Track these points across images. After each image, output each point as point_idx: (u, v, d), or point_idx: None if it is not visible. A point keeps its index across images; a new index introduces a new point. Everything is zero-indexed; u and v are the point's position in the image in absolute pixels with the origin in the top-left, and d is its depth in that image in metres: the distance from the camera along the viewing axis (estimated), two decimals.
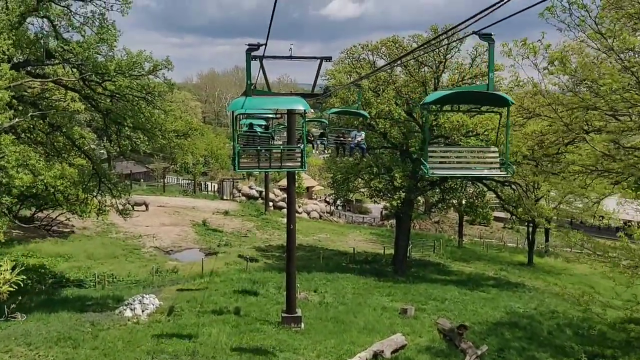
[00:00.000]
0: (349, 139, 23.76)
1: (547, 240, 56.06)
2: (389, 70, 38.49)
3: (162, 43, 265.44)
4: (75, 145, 24.48)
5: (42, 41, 20.84)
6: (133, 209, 53.87)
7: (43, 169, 20.79)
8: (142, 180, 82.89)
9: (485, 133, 34.23)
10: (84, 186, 25.24)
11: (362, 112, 25.35)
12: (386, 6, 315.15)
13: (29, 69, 22.31)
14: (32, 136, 25.72)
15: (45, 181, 20.95)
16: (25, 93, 24.35)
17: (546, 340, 25.59)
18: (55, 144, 26.32)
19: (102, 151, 65.75)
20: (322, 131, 25.97)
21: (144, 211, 55.27)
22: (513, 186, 36.75)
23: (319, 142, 24.62)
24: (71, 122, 24.31)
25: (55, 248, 38.88)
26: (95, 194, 26.78)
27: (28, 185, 20.04)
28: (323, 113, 28.90)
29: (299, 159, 17.19)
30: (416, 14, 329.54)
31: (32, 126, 24.11)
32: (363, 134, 24.43)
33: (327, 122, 26.12)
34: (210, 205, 65.91)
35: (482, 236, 68.71)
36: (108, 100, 24.33)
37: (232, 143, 16.97)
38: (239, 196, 73.67)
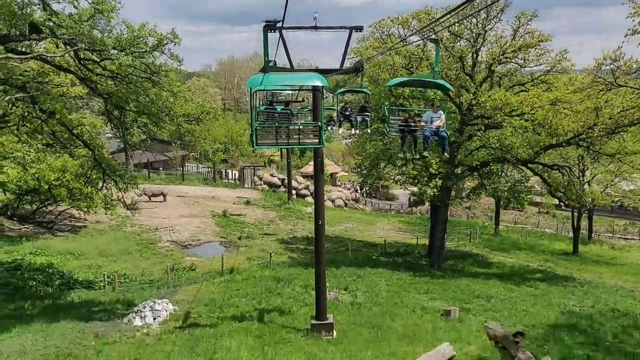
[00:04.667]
0: (422, 123, 17.34)
1: (590, 226, 52.38)
2: (421, 46, 35.05)
3: (179, 32, 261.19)
4: (72, 133, 21.70)
5: (25, 10, 17.91)
6: (150, 199, 51.84)
7: (34, 161, 18.04)
8: (160, 169, 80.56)
9: (532, 112, 30.75)
10: (87, 179, 22.48)
11: (442, 82, 17.72)
12: None
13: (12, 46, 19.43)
14: (30, 125, 22.95)
15: (37, 175, 18.20)
16: (21, 77, 21.57)
17: (613, 347, 22.28)
18: (56, 133, 23.50)
19: (118, 140, 63.53)
20: (363, 104, 22.12)
21: (161, 202, 52.85)
22: (562, 170, 33.23)
23: (359, 118, 20.77)
24: (66, 107, 21.48)
25: (66, 245, 36.41)
26: (100, 187, 24.02)
27: (16, 179, 17.33)
28: (362, 83, 22.10)
29: (318, 136, 16.78)
30: None
31: (26, 113, 21.32)
32: (443, 116, 17.23)
33: (369, 93, 22.46)
34: (231, 194, 63.24)
35: (516, 222, 65.34)
36: (109, 82, 21.47)
37: (251, 123, 16.02)
38: (261, 184, 70.95)
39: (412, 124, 17.64)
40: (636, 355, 21.34)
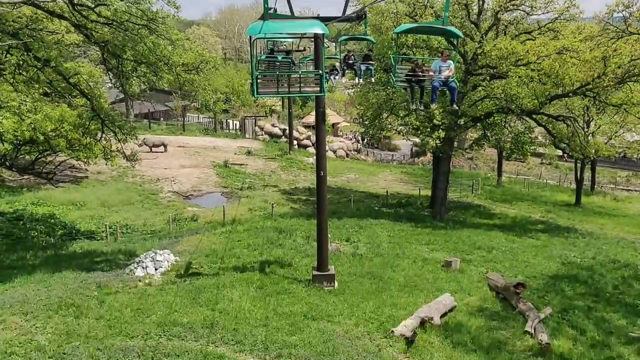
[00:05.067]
0: (431, 73, 16.51)
1: (593, 177, 52.12)
2: None
3: None
4: (69, 82, 21.23)
5: None
6: (151, 150, 51.63)
7: (30, 111, 17.65)
8: (161, 119, 79.96)
9: (538, 61, 30.09)
10: (85, 129, 22.14)
11: (452, 29, 16.87)
12: None
13: None
14: (26, 74, 22.43)
15: (33, 125, 17.87)
16: (14, 23, 20.94)
17: (613, 298, 22.42)
18: (53, 82, 23.00)
19: (118, 90, 62.85)
20: (367, 53, 21.41)
21: (162, 152, 52.62)
22: (567, 121, 32.78)
23: (363, 67, 20.12)
24: (62, 55, 20.92)
25: (67, 195, 36.35)
26: (99, 138, 23.71)
27: (12, 130, 17.00)
28: (366, 31, 21.19)
29: (319, 84, 16.74)
30: None
31: (21, 62, 20.79)
32: (452, 66, 16.34)
33: (373, 41, 21.83)
34: (232, 144, 62.93)
35: (518, 173, 65.12)
36: (105, 29, 20.85)
37: (251, 72, 15.82)
38: (262, 134, 70.50)
39: (420, 73, 16.83)
40: (636, 306, 21.46)
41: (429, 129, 34.27)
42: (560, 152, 62.47)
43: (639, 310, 21.08)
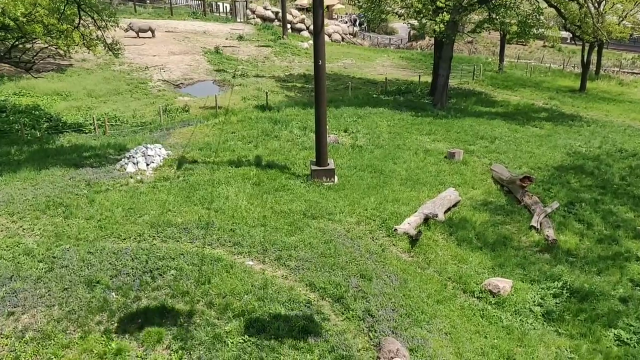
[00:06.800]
0: None
1: (599, 60, 50.09)
2: None
3: None
4: None
5: None
6: (138, 35, 49.08)
7: None
8: (147, 1, 75.77)
9: None
10: (60, 14, 20.26)
11: None
12: None
13: None
14: None
15: (2, 10, 16.12)
16: None
17: (621, 189, 21.84)
18: None
19: None
20: None
21: (150, 38, 50.02)
22: (580, 1, 30.57)
23: None
24: None
25: (52, 85, 34.56)
26: (76, 24, 21.83)
27: None
28: None
29: None
30: None
31: None
32: None
33: None
34: (223, 29, 59.94)
35: (519, 57, 62.83)
36: None
37: None
38: (254, 18, 67.17)
39: None
40: None
41: (431, 12, 32.06)
42: (563, 34, 59.98)
43: None
